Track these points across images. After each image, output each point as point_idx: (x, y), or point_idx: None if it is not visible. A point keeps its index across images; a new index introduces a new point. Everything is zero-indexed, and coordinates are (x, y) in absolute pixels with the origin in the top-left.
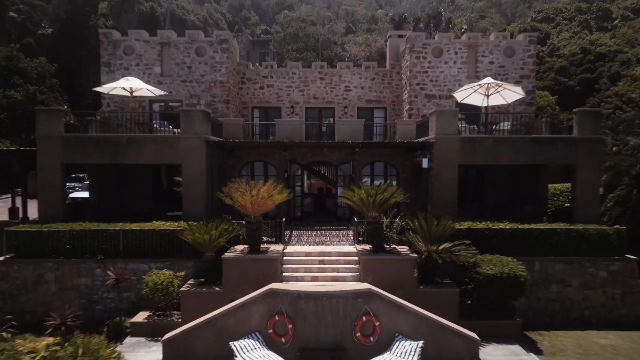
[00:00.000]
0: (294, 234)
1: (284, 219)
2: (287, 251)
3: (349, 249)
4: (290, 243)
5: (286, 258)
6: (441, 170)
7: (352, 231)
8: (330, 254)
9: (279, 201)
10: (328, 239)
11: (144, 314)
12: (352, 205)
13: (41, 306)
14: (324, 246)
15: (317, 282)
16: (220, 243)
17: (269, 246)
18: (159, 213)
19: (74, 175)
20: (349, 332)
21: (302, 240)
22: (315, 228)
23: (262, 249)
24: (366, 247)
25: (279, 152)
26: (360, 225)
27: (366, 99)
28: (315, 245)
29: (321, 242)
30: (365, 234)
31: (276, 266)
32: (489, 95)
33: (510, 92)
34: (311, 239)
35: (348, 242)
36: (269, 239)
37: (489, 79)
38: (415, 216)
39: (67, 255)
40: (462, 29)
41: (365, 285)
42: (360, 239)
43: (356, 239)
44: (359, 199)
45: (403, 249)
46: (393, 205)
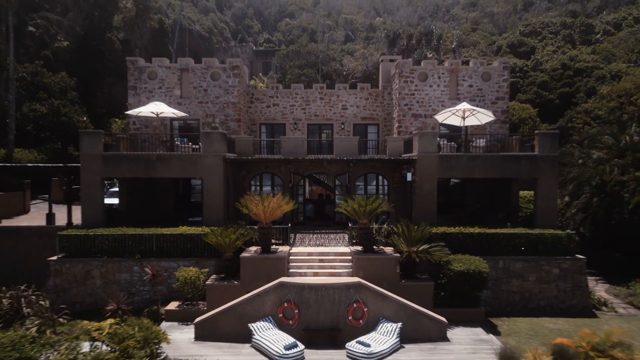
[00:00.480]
0: (297, 236)
1: (289, 225)
2: (292, 252)
3: (344, 249)
4: (295, 245)
5: (292, 257)
6: (422, 183)
7: (347, 234)
8: (328, 254)
9: (286, 210)
10: (327, 241)
11: (175, 303)
12: (347, 213)
13: (88, 298)
14: (323, 247)
15: (318, 277)
16: (237, 245)
17: (278, 247)
18: (179, 218)
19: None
20: (343, 316)
21: (305, 242)
22: (316, 231)
23: (272, 249)
24: (358, 248)
25: (284, 165)
26: (354, 229)
27: (361, 116)
28: (316, 247)
29: (321, 244)
30: (357, 237)
31: (284, 264)
32: (464, 118)
33: (483, 115)
34: (312, 241)
35: (343, 243)
36: (277, 241)
37: (464, 104)
38: (399, 222)
39: (110, 255)
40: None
41: (356, 279)
42: (354, 241)
43: (350, 242)
44: (352, 208)
45: (388, 249)
46: (382, 213)
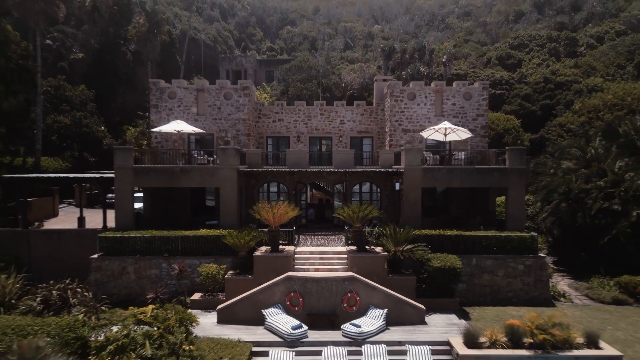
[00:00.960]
0: (301, 238)
1: (294, 227)
2: (297, 251)
3: (341, 249)
4: (299, 245)
5: (297, 255)
6: (409, 192)
7: (343, 236)
8: (327, 253)
9: (291, 216)
10: (326, 242)
11: (198, 294)
12: (343, 218)
13: (124, 290)
14: (323, 247)
15: (318, 272)
16: (250, 245)
17: (285, 247)
18: (195, 222)
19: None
20: (339, 303)
21: (307, 242)
22: (317, 233)
23: (280, 249)
24: (353, 247)
25: (289, 175)
26: (349, 232)
27: (357, 130)
28: (317, 247)
29: (321, 244)
30: (352, 239)
31: (290, 261)
32: (446, 135)
33: (462, 132)
34: (314, 242)
35: (340, 244)
36: (284, 242)
37: (446, 123)
38: (387, 226)
39: (142, 254)
40: (443, 59)
41: (350, 274)
42: (349, 242)
43: (346, 242)
44: (347, 214)
45: (378, 249)
46: (374, 217)
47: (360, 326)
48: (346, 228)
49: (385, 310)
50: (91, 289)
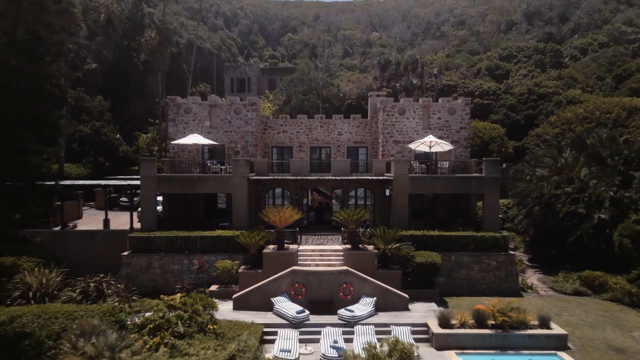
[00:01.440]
0: (303, 237)
1: (297, 228)
2: (300, 249)
3: (338, 247)
4: (302, 244)
5: (300, 253)
6: (397, 198)
7: (340, 236)
8: (326, 250)
9: (295, 219)
10: (325, 241)
11: (215, 286)
12: (339, 221)
13: (150, 283)
14: (322, 245)
15: (318, 266)
16: (260, 244)
17: (289, 246)
18: (208, 223)
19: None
20: (336, 292)
21: (309, 242)
22: (317, 234)
23: (285, 247)
24: (348, 246)
25: (292, 182)
26: (345, 232)
27: (353, 140)
28: (317, 245)
29: (321, 243)
30: (347, 238)
31: (294, 257)
32: (430, 147)
33: (445, 144)
34: (314, 241)
35: (337, 243)
36: (288, 241)
37: (431, 137)
38: (378, 227)
39: (166, 251)
40: (434, 71)
41: (345, 268)
42: (345, 241)
43: (342, 241)
44: (343, 217)
45: (370, 247)
46: (367, 219)
47: (353, 311)
48: (342, 229)
49: (375, 299)
50: (122, 281)
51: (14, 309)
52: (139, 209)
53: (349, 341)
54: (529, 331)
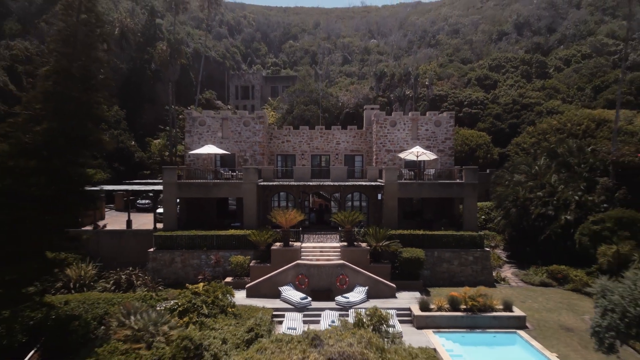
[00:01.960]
0: (305, 236)
1: (300, 228)
2: (302, 246)
3: (336, 244)
4: (304, 241)
5: (303, 249)
6: (388, 201)
7: (338, 235)
8: (326, 247)
9: (299, 220)
10: (324, 239)
11: (229, 278)
12: (337, 221)
13: (173, 275)
14: (322, 243)
15: (319, 261)
16: (268, 241)
17: (293, 243)
18: (220, 223)
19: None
20: (333, 282)
21: (310, 240)
22: (317, 233)
23: (290, 244)
24: (344, 243)
25: (295, 187)
26: (342, 232)
27: (350, 149)
28: (317, 243)
29: (321, 241)
30: (344, 237)
31: (298, 253)
32: (417, 156)
33: (430, 154)
34: (315, 239)
35: (335, 241)
36: (292, 239)
37: (418, 148)
38: (370, 227)
39: (186, 248)
40: (426, 82)
41: (342, 262)
42: (342, 239)
43: (340, 240)
44: (340, 218)
45: (363, 244)
46: (362, 221)
47: (348, 298)
48: (340, 229)
49: (367, 288)
50: (149, 274)
51: (60, 297)
52: (156, 210)
53: None
54: (494, 313)
